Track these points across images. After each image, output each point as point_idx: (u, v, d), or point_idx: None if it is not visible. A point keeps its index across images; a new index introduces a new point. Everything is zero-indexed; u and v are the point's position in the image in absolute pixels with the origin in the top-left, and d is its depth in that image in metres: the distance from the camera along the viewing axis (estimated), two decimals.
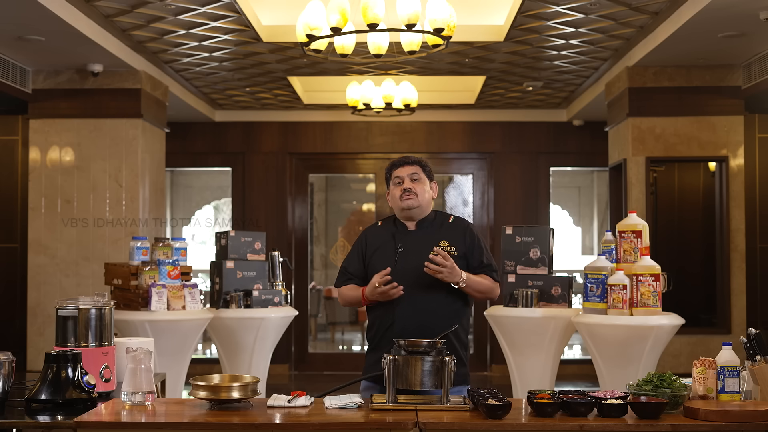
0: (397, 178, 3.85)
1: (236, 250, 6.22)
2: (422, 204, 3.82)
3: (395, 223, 3.90)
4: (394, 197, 3.85)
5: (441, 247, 3.74)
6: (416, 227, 3.85)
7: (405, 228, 3.86)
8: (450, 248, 3.77)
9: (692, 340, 7.89)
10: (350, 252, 3.95)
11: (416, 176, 3.83)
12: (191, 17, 6.43)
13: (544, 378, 5.48)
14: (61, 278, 7.81)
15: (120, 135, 7.88)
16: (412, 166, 3.85)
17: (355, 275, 3.88)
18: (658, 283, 4.86)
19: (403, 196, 3.80)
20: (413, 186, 3.81)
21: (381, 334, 3.75)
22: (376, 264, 3.79)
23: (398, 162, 3.89)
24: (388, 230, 3.88)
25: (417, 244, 3.78)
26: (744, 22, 6.24)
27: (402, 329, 3.65)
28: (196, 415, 3.08)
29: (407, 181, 3.82)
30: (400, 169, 3.85)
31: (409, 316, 3.69)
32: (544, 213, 10.28)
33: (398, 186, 3.84)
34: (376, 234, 3.91)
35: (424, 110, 9.88)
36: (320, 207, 11.51)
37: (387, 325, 3.73)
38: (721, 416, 2.95)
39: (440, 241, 3.78)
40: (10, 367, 3.27)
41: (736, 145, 7.88)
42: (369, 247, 3.87)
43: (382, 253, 3.81)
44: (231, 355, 6.07)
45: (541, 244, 5.59)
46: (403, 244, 3.80)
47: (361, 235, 3.95)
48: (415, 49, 5.03)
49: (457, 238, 3.82)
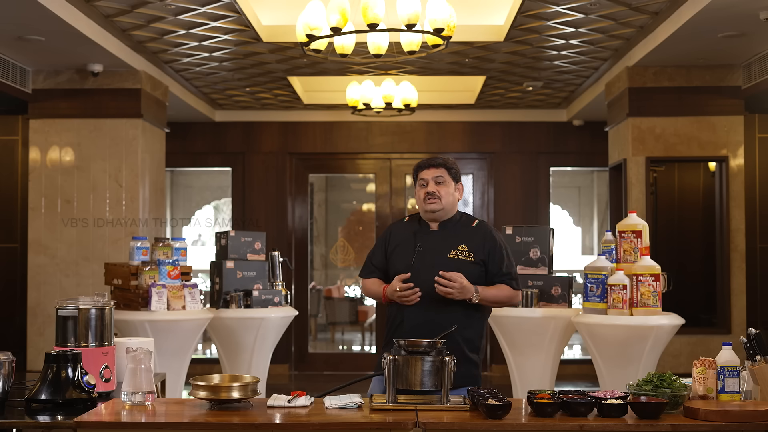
0: (422, 180, 3.86)
1: (236, 250, 6.22)
2: (445, 207, 3.84)
3: (419, 221, 3.93)
4: (419, 198, 3.87)
5: (458, 251, 3.77)
6: (438, 228, 3.87)
7: (428, 227, 3.89)
8: (468, 253, 3.78)
9: (692, 340, 7.89)
10: (375, 244, 4.02)
11: (441, 179, 3.84)
12: (191, 17, 6.43)
13: (544, 378, 5.48)
14: (61, 278, 7.81)
15: (120, 135, 7.88)
16: (438, 169, 3.85)
17: (378, 268, 3.94)
18: (658, 283, 4.86)
19: (427, 200, 3.82)
20: (437, 189, 3.82)
21: (392, 331, 3.79)
22: (395, 260, 3.85)
23: (424, 163, 3.89)
24: (412, 228, 3.92)
25: (436, 244, 3.80)
26: (744, 22, 6.24)
27: (411, 327, 3.69)
28: (196, 415, 3.08)
29: (431, 185, 3.83)
30: (426, 171, 3.86)
31: (419, 315, 3.72)
32: (544, 213, 10.28)
33: (423, 188, 3.85)
34: (400, 230, 3.95)
35: (424, 110, 9.88)
36: (320, 207, 11.51)
37: (397, 324, 3.77)
38: (721, 416, 2.95)
39: (459, 244, 3.79)
40: (10, 367, 3.27)
41: (736, 145, 7.88)
42: (392, 242, 3.92)
43: (402, 249, 3.85)
44: (231, 355, 6.08)
45: (541, 244, 5.59)
46: (422, 243, 3.82)
47: (386, 229, 4.02)
48: (415, 49, 5.03)
49: (477, 243, 3.81)
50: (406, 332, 3.66)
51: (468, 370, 3.67)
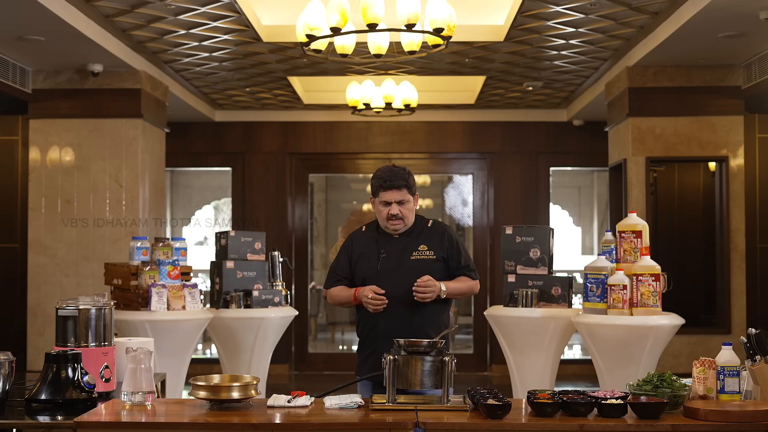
0: (385, 202, 3.98)
1: (236, 250, 6.22)
2: (407, 224, 4.03)
3: (377, 229, 4.10)
4: (380, 215, 4.02)
5: (419, 251, 3.99)
6: (398, 235, 4.05)
7: (389, 236, 4.05)
8: (428, 252, 4.00)
9: (692, 340, 7.89)
10: (338, 255, 4.16)
11: (403, 201, 3.98)
12: (191, 17, 6.43)
13: (544, 378, 5.48)
14: (61, 278, 7.81)
15: (120, 135, 7.88)
16: (400, 191, 3.97)
17: (344, 277, 4.10)
18: (658, 283, 4.86)
19: (390, 221, 3.98)
20: (401, 210, 3.97)
21: (367, 332, 4.00)
22: (361, 267, 4.04)
23: (387, 184, 3.98)
24: (372, 236, 4.09)
25: (398, 249, 4.01)
26: (744, 22, 6.24)
27: (385, 327, 3.88)
28: (196, 415, 3.08)
29: (395, 207, 3.97)
30: (389, 193, 3.97)
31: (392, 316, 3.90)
32: (544, 213, 10.28)
33: (385, 207, 3.98)
34: (361, 239, 4.12)
35: (424, 110, 9.87)
36: (320, 207, 11.50)
37: (371, 325, 3.97)
38: (721, 416, 2.95)
39: (420, 245, 4.00)
40: (10, 367, 3.27)
41: (736, 145, 7.88)
42: (355, 251, 4.09)
43: (366, 256, 4.03)
44: (231, 355, 6.07)
45: (541, 244, 5.58)
46: (385, 249, 4.01)
47: (347, 240, 4.17)
48: (415, 49, 5.03)
49: (436, 242, 4.03)
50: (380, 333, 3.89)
51: None
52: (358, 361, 4.08)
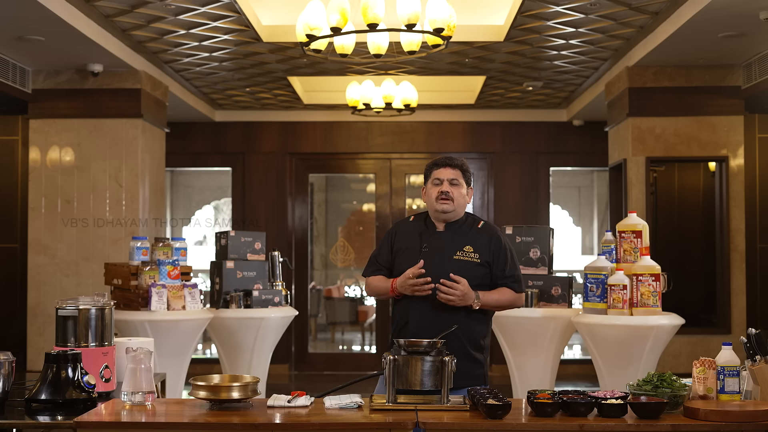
0: (437, 179, 3.81)
1: (236, 250, 6.22)
2: (456, 209, 3.80)
3: (425, 221, 3.89)
4: (430, 197, 3.82)
5: (464, 251, 3.74)
6: (445, 228, 3.83)
7: (434, 228, 3.85)
8: (473, 254, 3.75)
9: (692, 340, 7.89)
10: (381, 242, 3.96)
11: (456, 181, 3.80)
12: (191, 17, 6.43)
13: (544, 378, 5.48)
14: (61, 278, 7.81)
15: (120, 135, 7.88)
16: (454, 170, 3.81)
17: (384, 266, 3.89)
18: (658, 283, 4.86)
19: (440, 199, 3.78)
20: (451, 190, 3.78)
21: (398, 330, 3.77)
22: (401, 260, 3.81)
23: (441, 162, 3.85)
24: (417, 228, 3.88)
25: (442, 245, 3.77)
26: (744, 22, 6.24)
27: (417, 327, 3.67)
28: (196, 415, 3.08)
29: (446, 185, 3.78)
30: (442, 171, 3.81)
31: (424, 316, 3.70)
32: (544, 213, 10.28)
33: (436, 186, 3.80)
34: (405, 229, 3.91)
35: (424, 110, 9.87)
36: (320, 207, 11.50)
37: (403, 323, 3.76)
38: (721, 416, 2.95)
39: (465, 245, 3.76)
40: (10, 367, 3.27)
41: (736, 145, 7.88)
42: (397, 241, 3.88)
43: (408, 250, 3.82)
44: (231, 355, 6.08)
45: (541, 244, 5.59)
46: (428, 244, 3.79)
47: (392, 228, 3.97)
48: (415, 49, 5.03)
49: (483, 245, 3.79)
50: (411, 333, 3.65)
51: (472, 369, 3.67)
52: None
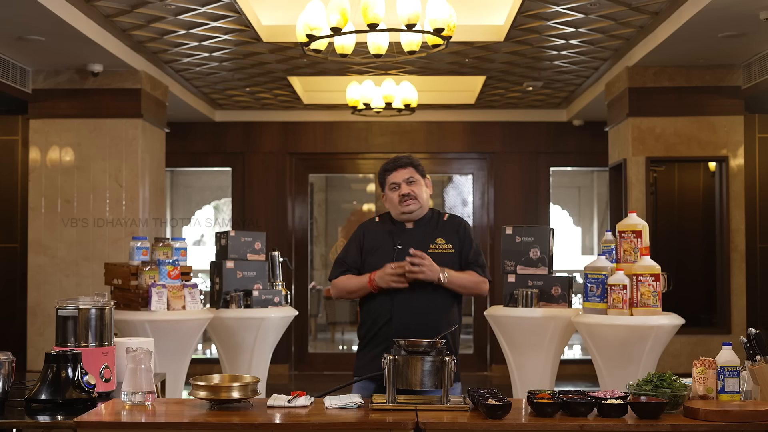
0: (393, 184, 3.84)
1: (236, 250, 6.21)
2: (422, 205, 3.85)
3: (392, 220, 3.92)
4: (392, 201, 3.85)
5: (437, 244, 3.80)
6: (414, 225, 3.88)
7: (402, 226, 3.89)
8: (446, 245, 3.82)
9: (692, 340, 7.89)
10: (347, 245, 3.95)
11: (412, 179, 3.84)
12: (191, 17, 6.43)
13: (544, 378, 5.47)
14: (61, 278, 7.81)
15: (120, 135, 7.88)
16: (406, 169, 3.85)
17: (354, 266, 3.89)
18: (658, 283, 4.86)
19: (404, 202, 3.81)
20: (411, 189, 3.81)
21: (376, 330, 3.78)
22: (373, 259, 3.82)
23: (391, 166, 3.87)
24: (386, 227, 3.91)
25: (414, 241, 3.81)
26: (744, 22, 6.24)
27: (400, 325, 3.70)
28: (196, 415, 3.08)
29: (404, 186, 3.82)
30: (395, 174, 3.85)
31: (407, 312, 3.73)
32: (544, 213, 10.29)
33: (395, 191, 3.83)
34: (373, 229, 3.93)
35: (424, 110, 9.87)
36: (320, 207, 11.50)
37: (383, 321, 3.77)
38: (721, 416, 2.95)
39: (436, 238, 3.82)
40: (10, 367, 3.26)
41: (736, 145, 7.88)
42: (366, 242, 3.89)
43: (380, 248, 3.84)
44: (231, 355, 6.07)
45: (541, 244, 5.58)
46: (401, 241, 3.82)
47: (358, 229, 3.97)
48: (415, 49, 5.03)
49: (452, 235, 3.86)
50: (394, 330, 3.68)
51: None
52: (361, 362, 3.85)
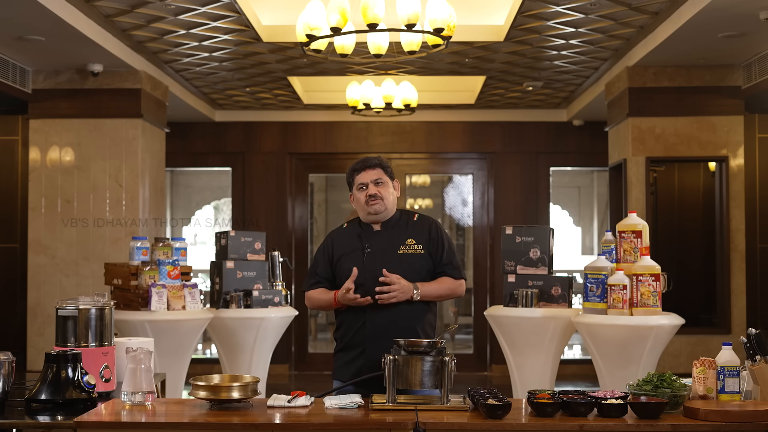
0: (361, 184, 3.85)
1: (236, 250, 6.22)
2: (388, 207, 3.85)
3: (360, 224, 3.93)
4: (359, 202, 3.86)
5: (407, 245, 3.81)
6: (381, 227, 3.88)
7: (371, 228, 3.89)
8: (417, 246, 3.82)
9: (692, 340, 7.89)
10: (316, 255, 3.96)
11: (380, 180, 3.84)
12: (191, 17, 6.43)
13: (544, 378, 5.48)
14: (61, 278, 7.81)
15: (120, 135, 7.88)
16: (375, 170, 3.85)
17: (324, 278, 3.91)
18: (658, 283, 4.86)
19: (370, 202, 3.82)
20: (378, 191, 3.82)
21: (351, 333, 3.80)
22: (344, 265, 3.83)
23: (359, 166, 3.88)
24: (354, 231, 3.91)
25: (383, 243, 3.82)
26: (744, 22, 6.24)
27: (374, 328, 3.72)
28: (196, 415, 3.08)
29: (372, 187, 3.83)
30: (363, 174, 3.86)
31: (380, 317, 3.74)
32: (544, 213, 10.28)
33: (362, 191, 3.84)
34: (342, 236, 3.93)
35: (424, 110, 9.87)
36: (320, 207, 11.51)
37: (358, 325, 3.78)
38: (721, 416, 2.95)
39: (407, 239, 3.82)
40: (10, 367, 3.27)
41: (736, 145, 7.88)
42: (336, 250, 3.89)
43: (350, 254, 3.84)
44: (231, 355, 6.07)
45: (541, 244, 5.58)
46: (369, 244, 3.83)
47: (326, 238, 3.97)
48: (415, 49, 5.03)
49: (423, 236, 3.85)
50: (368, 334, 3.72)
51: None
52: (338, 364, 3.83)
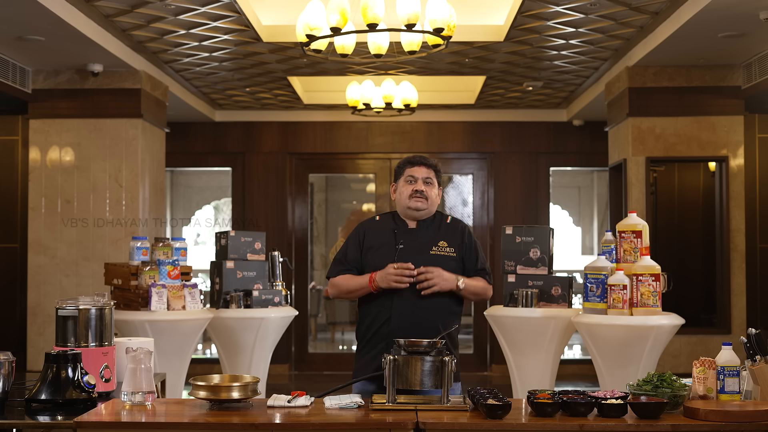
0: (411, 177, 3.84)
1: (236, 250, 6.22)
2: (430, 208, 3.85)
3: (395, 219, 3.90)
4: (403, 194, 3.84)
5: (439, 247, 3.79)
6: (417, 225, 3.86)
7: (405, 225, 3.87)
8: (448, 249, 3.81)
9: (692, 340, 7.89)
10: (346, 243, 3.92)
11: (430, 180, 3.84)
12: (191, 17, 6.43)
13: (544, 378, 5.48)
14: (61, 278, 7.81)
15: (120, 135, 7.88)
16: (429, 169, 3.85)
17: (353, 265, 3.86)
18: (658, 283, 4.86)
19: (414, 197, 3.80)
20: (426, 189, 3.81)
21: (375, 329, 3.77)
22: (374, 258, 3.80)
23: (416, 160, 3.87)
24: (388, 226, 3.88)
25: (417, 242, 3.79)
26: (744, 22, 6.24)
27: (399, 324, 3.69)
28: (196, 415, 3.08)
29: (420, 183, 3.82)
30: (417, 169, 3.85)
31: (406, 312, 3.72)
32: (544, 213, 10.28)
33: (410, 184, 3.82)
34: (375, 228, 3.90)
35: (424, 110, 9.88)
36: (320, 207, 11.50)
37: (383, 320, 3.75)
38: (721, 416, 2.95)
39: (439, 241, 3.81)
40: (10, 367, 3.27)
41: (736, 145, 7.88)
42: (367, 240, 3.86)
43: (382, 248, 3.81)
44: (231, 355, 6.07)
45: (541, 244, 5.58)
46: (403, 241, 3.80)
47: (358, 228, 3.93)
48: (415, 49, 5.03)
49: (455, 239, 3.86)
50: (392, 330, 3.68)
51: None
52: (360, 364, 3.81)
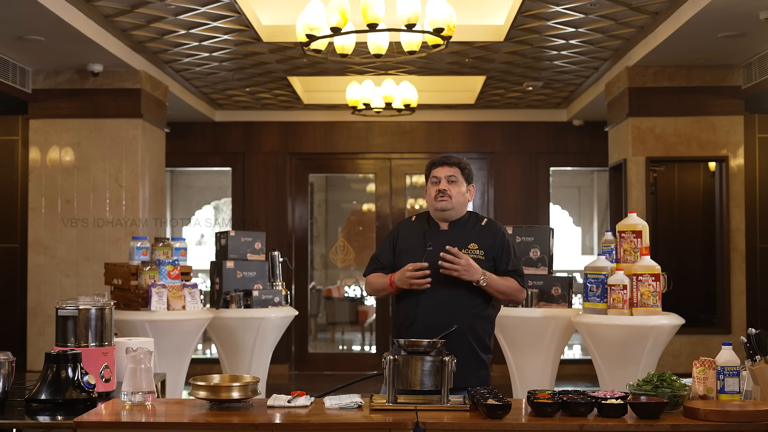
0: (435, 178, 3.84)
1: (236, 250, 6.22)
2: (456, 206, 3.82)
3: (428, 220, 3.91)
4: (430, 196, 3.86)
5: (469, 249, 3.76)
6: (448, 227, 3.86)
7: (437, 227, 3.87)
8: (478, 252, 3.78)
9: (692, 340, 7.89)
10: (382, 243, 3.97)
11: (454, 178, 3.83)
12: (191, 17, 6.43)
13: (544, 378, 5.48)
14: (61, 278, 7.81)
15: (120, 135, 7.88)
16: (451, 167, 3.84)
17: (386, 265, 3.89)
18: (658, 283, 4.86)
19: (438, 197, 3.80)
20: (449, 188, 3.80)
21: (404, 329, 3.76)
22: (405, 260, 3.81)
23: (438, 161, 3.88)
24: (421, 227, 3.89)
25: (446, 243, 3.76)
26: (744, 22, 6.24)
27: (424, 326, 3.67)
28: (196, 415, 3.08)
29: (443, 182, 3.81)
30: (439, 169, 3.85)
31: (432, 314, 3.70)
32: (544, 213, 10.28)
33: (434, 185, 3.83)
34: (408, 229, 3.92)
35: (424, 110, 9.87)
36: (320, 207, 11.50)
37: (410, 321, 3.75)
38: (721, 416, 2.95)
39: (469, 243, 3.78)
40: (10, 367, 3.27)
41: (736, 145, 7.88)
42: (400, 241, 3.89)
43: (412, 249, 3.82)
44: (231, 355, 6.08)
45: (541, 244, 5.59)
46: (432, 243, 3.79)
47: (393, 228, 3.98)
48: (415, 49, 5.03)
49: (487, 242, 3.81)
50: (417, 331, 3.66)
51: (476, 370, 3.71)
52: None
